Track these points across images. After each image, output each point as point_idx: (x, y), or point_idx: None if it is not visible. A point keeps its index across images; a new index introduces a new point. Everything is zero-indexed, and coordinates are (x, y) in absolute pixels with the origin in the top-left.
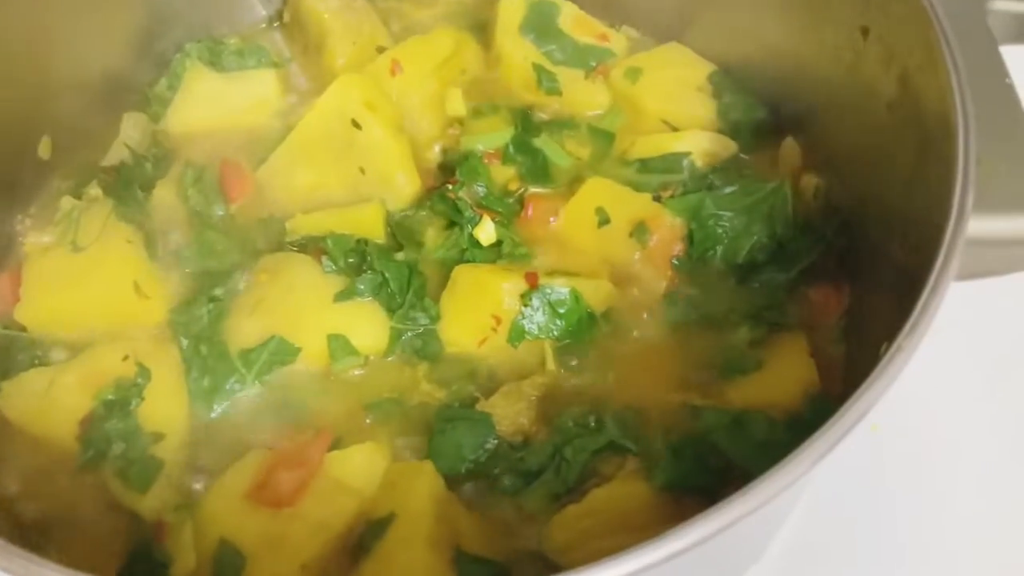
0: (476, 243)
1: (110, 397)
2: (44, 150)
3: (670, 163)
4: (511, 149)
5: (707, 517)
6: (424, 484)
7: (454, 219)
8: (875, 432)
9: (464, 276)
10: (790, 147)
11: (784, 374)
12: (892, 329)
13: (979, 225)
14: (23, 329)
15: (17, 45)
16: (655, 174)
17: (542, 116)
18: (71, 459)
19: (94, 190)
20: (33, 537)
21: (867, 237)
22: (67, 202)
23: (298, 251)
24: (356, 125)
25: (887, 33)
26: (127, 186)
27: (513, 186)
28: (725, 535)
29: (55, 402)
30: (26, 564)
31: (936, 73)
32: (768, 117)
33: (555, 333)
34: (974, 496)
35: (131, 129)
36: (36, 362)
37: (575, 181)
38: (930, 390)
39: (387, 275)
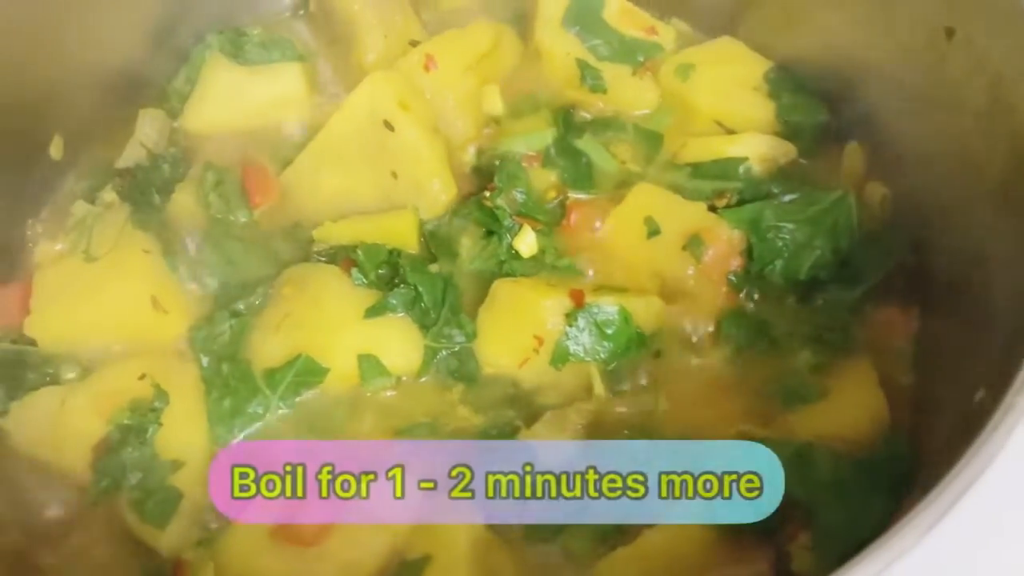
0: (516, 254)
1: (126, 421)
2: (56, 150)
3: (725, 168)
4: (552, 152)
5: None
6: (462, 523)
7: (492, 228)
8: None
9: (504, 292)
10: (853, 153)
11: (850, 403)
12: (980, 367)
13: None
14: (33, 344)
15: (26, 38)
16: (708, 180)
17: (585, 116)
18: (83, 489)
19: (109, 195)
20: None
21: (942, 257)
22: (80, 207)
23: (326, 262)
24: (388, 126)
25: (978, 36)
26: (144, 190)
27: (554, 192)
28: None
29: (66, 426)
30: None
31: None
32: (831, 120)
33: (602, 355)
34: None
35: (147, 127)
36: (47, 380)
37: (621, 186)
38: None
39: (420, 289)
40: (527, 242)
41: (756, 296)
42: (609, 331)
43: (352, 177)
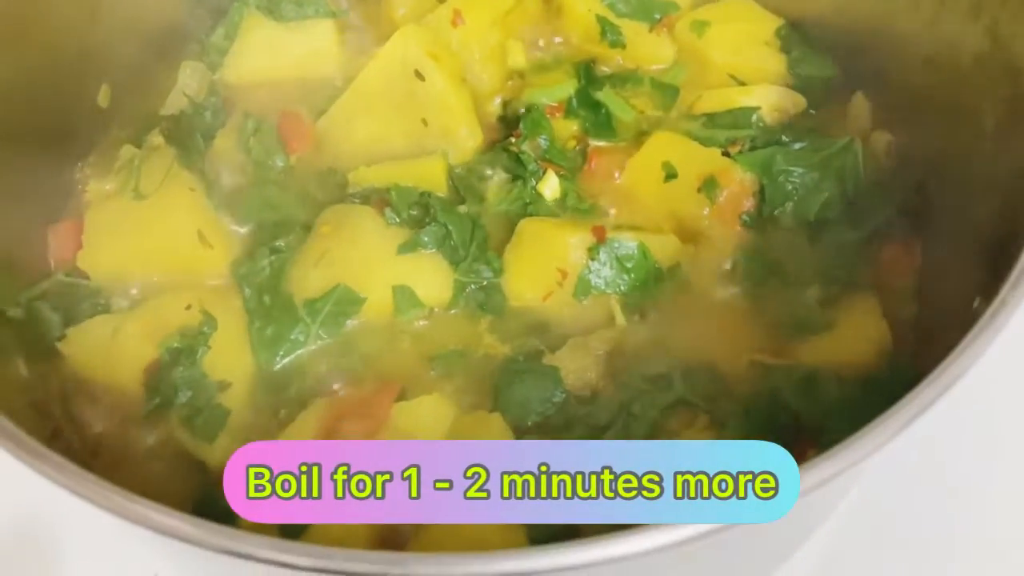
0: (539, 197)
1: (175, 345)
2: (103, 98)
3: (738, 118)
4: (574, 102)
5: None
6: (494, 435)
7: (517, 173)
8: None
9: (529, 230)
10: (859, 104)
11: (856, 334)
12: (977, 288)
13: None
14: (86, 277)
15: None
16: (722, 129)
17: (605, 70)
18: (137, 407)
19: (156, 138)
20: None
21: (943, 197)
22: (128, 150)
23: (360, 203)
24: (419, 76)
25: None
26: (189, 134)
27: (575, 141)
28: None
29: (120, 350)
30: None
31: None
32: (839, 75)
33: (622, 288)
34: None
35: (189, 78)
36: (99, 310)
37: (640, 135)
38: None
39: (450, 227)
40: (551, 186)
41: (768, 235)
42: (629, 265)
43: (384, 124)
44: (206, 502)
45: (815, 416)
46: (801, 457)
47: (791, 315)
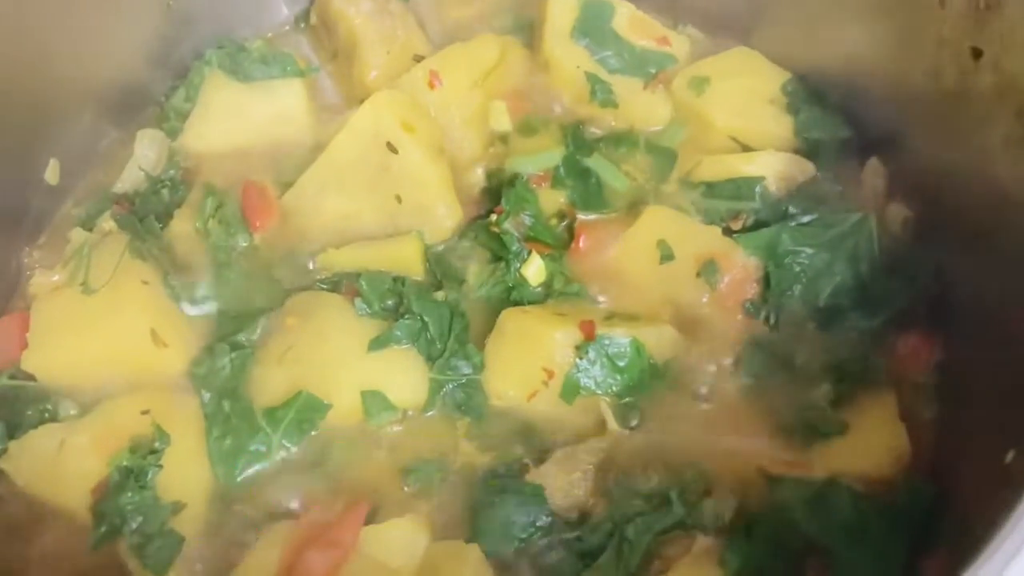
0: (524, 281)
1: (125, 463)
2: (52, 175)
3: (741, 188)
4: (561, 171)
5: None
6: (470, 572)
7: (499, 254)
8: None
9: (512, 322)
10: (875, 170)
11: (871, 439)
12: (1007, 420)
13: None
14: (32, 379)
15: (18, 56)
16: (723, 200)
17: (596, 132)
18: (84, 532)
19: (107, 223)
20: None
21: (967, 285)
22: (78, 235)
23: (328, 289)
24: (392, 148)
25: (1007, 60)
26: (142, 218)
27: (563, 215)
28: None
29: (66, 466)
30: None
31: None
32: (852, 136)
33: (614, 388)
34: None
35: (146, 148)
36: (46, 417)
37: (632, 206)
38: None
39: (426, 319)
40: (535, 270)
41: (774, 324)
42: (621, 363)
43: (355, 201)
44: None
45: (826, 538)
46: None
47: (800, 416)
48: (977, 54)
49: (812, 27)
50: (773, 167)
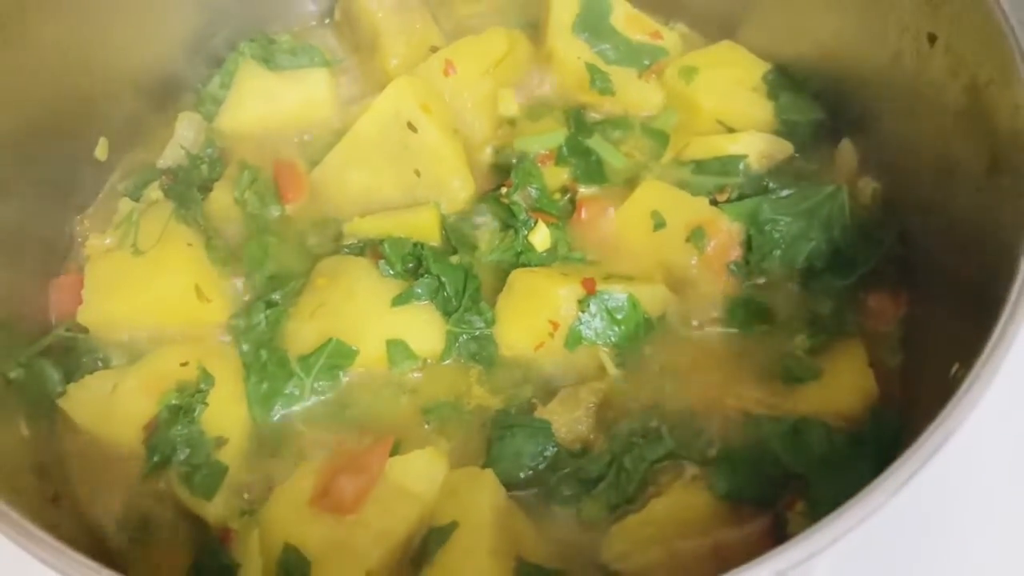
0: (531, 247)
1: (174, 402)
2: (101, 151)
3: (726, 165)
4: (565, 150)
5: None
6: (486, 493)
7: (508, 223)
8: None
9: (521, 281)
10: (847, 150)
11: (843, 383)
12: (958, 346)
13: None
14: (85, 331)
15: (71, 48)
16: (710, 176)
17: (595, 116)
18: (138, 463)
19: (154, 192)
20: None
21: (928, 246)
22: (126, 204)
23: (355, 254)
24: (412, 128)
25: (956, 42)
26: (186, 188)
27: (566, 189)
28: None
29: (119, 406)
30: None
31: (1010, 88)
32: (825, 118)
33: (612, 339)
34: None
35: (186, 129)
36: (99, 365)
37: (629, 182)
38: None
39: (443, 279)
40: (541, 236)
41: (756, 283)
42: (619, 316)
43: (378, 175)
44: (207, 557)
45: (802, 467)
46: (789, 507)
47: (779, 364)
48: (932, 39)
49: (790, 23)
50: (755, 146)
